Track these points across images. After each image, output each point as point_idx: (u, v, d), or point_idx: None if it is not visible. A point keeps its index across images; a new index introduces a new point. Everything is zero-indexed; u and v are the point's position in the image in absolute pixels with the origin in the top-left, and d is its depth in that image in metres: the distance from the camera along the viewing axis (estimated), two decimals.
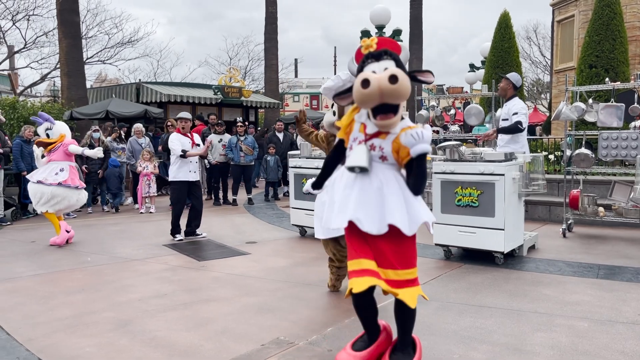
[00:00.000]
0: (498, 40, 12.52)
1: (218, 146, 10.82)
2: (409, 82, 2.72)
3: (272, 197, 11.74)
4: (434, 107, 10.09)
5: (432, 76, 2.93)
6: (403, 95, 2.71)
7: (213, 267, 5.73)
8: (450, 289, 4.71)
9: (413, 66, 23.52)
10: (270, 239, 7.28)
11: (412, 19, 23.40)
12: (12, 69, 25.35)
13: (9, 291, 4.87)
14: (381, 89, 2.63)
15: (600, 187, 8.12)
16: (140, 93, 16.42)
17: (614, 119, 7.01)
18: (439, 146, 6.36)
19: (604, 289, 4.63)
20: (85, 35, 23.36)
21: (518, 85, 6.65)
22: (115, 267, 5.75)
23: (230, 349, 3.44)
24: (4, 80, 29.64)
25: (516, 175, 5.56)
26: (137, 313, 4.19)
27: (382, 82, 2.62)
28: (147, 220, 9.14)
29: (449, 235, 5.73)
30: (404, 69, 2.85)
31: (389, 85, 2.61)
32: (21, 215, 9.46)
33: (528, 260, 5.76)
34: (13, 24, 22.74)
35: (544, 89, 35.37)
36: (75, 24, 15.72)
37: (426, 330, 3.70)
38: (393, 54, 2.87)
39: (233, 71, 19.37)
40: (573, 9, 15.16)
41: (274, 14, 21.72)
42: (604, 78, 9.68)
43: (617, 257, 5.81)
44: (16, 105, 13.80)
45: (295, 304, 4.37)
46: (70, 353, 3.43)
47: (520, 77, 6.96)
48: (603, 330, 3.67)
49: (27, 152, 9.29)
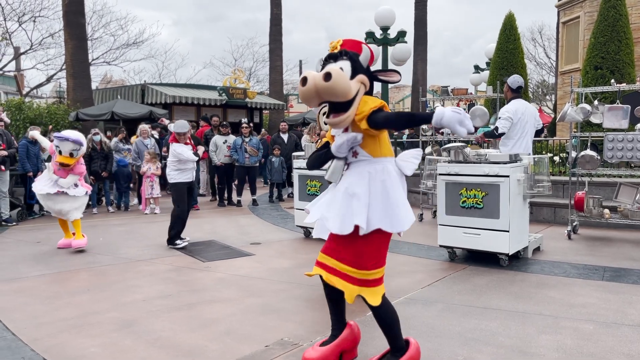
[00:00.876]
0: (503, 42, 12.49)
1: (223, 147, 10.84)
2: (345, 80, 2.74)
3: (276, 198, 11.75)
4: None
5: (397, 75, 2.98)
6: (338, 93, 2.73)
7: (217, 267, 5.74)
8: (454, 291, 4.70)
9: (418, 67, 23.52)
10: (274, 240, 7.29)
11: (417, 20, 23.38)
12: (18, 70, 25.51)
13: (15, 291, 4.89)
14: (316, 86, 2.69)
15: (605, 189, 8.09)
16: (145, 94, 16.50)
17: (619, 121, 6.98)
18: (443, 148, 6.35)
19: (609, 291, 4.61)
20: (90, 36, 23.53)
21: (514, 87, 6.53)
22: (120, 268, 5.76)
23: (235, 350, 3.44)
24: (10, 82, 29.81)
25: (521, 177, 5.54)
26: (141, 313, 4.20)
27: (317, 79, 2.69)
28: (152, 220, 9.16)
29: (453, 237, 5.72)
30: (363, 69, 2.91)
31: (323, 82, 2.67)
32: (27, 216, 9.50)
33: (533, 262, 5.74)
34: (19, 25, 22.94)
35: (549, 91, 35.27)
36: (81, 25, 15.80)
37: (430, 332, 3.69)
38: (351, 55, 2.92)
39: (238, 72, 19.44)
40: (578, 10, 15.12)
41: (278, 15, 21.77)
42: (609, 79, 9.65)
43: (622, 259, 5.78)
44: (22, 107, 13.90)
45: (299, 305, 4.37)
46: (75, 353, 3.44)
47: (523, 78, 6.92)
48: (609, 333, 3.66)
49: (32, 153, 9.34)
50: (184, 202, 6.92)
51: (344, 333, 3.15)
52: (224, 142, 10.88)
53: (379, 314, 2.98)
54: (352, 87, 2.80)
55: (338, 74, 2.69)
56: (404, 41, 12.76)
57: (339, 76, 2.69)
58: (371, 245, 2.92)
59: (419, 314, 4.08)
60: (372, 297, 2.94)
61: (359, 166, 2.98)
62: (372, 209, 2.88)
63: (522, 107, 6.54)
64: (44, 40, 23.95)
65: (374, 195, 2.90)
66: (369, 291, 2.94)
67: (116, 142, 10.94)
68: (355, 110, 2.83)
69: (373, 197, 2.90)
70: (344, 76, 2.74)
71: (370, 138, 2.95)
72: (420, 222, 8.67)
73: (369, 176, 2.93)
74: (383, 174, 2.93)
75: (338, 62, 2.89)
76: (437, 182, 5.91)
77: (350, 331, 3.17)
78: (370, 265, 2.93)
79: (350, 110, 2.82)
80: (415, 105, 23.23)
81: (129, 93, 17.00)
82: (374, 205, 2.89)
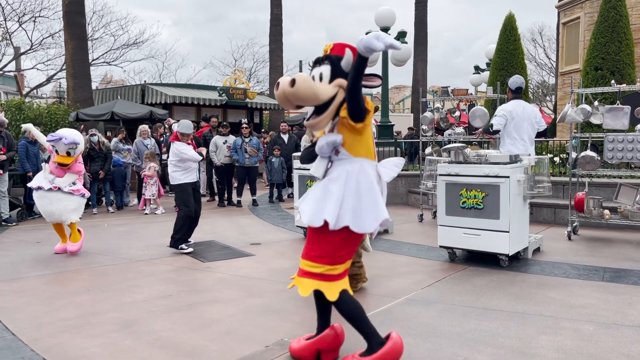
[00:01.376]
0: (503, 43, 12.50)
1: (223, 147, 10.84)
2: (310, 86, 2.84)
3: (276, 199, 11.74)
4: (439, 109, 10.07)
5: (377, 80, 3.11)
6: (302, 98, 2.85)
7: (217, 268, 5.74)
8: (454, 292, 4.70)
9: (418, 68, 23.53)
10: (274, 241, 7.29)
11: (417, 21, 23.40)
12: (18, 70, 25.50)
13: (15, 291, 4.90)
14: (284, 91, 2.82)
15: (605, 190, 8.09)
16: (145, 94, 16.50)
17: (619, 122, 6.98)
18: (443, 148, 6.35)
19: (609, 292, 4.61)
20: (91, 36, 23.54)
21: (513, 88, 6.82)
22: (120, 268, 5.76)
23: (235, 350, 3.44)
24: (10, 82, 29.83)
25: (521, 178, 5.54)
26: (142, 314, 4.20)
27: (284, 85, 2.81)
28: (152, 221, 9.16)
29: (453, 238, 5.72)
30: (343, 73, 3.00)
31: (289, 88, 2.79)
32: (27, 216, 9.50)
33: (533, 262, 5.74)
34: (19, 26, 22.92)
35: (549, 91, 35.29)
36: (81, 25, 15.80)
37: (431, 333, 3.70)
38: (333, 59, 3.03)
39: (238, 73, 19.43)
40: (579, 11, 15.13)
41: (279, 15, 21.78)
42: (609, 80, 9.66)
43: (622, 260, 5.78)
44: (22, 107, 13.89)
45: (299, 305, 4.37)
46: (75, 353, 3.44)
47: (523, 78, 7.00)
48: (609, 334, 3.66)
49: (32, 153, 9.33)
50: (190, 204, 6.60)
51: (325, 333, 3.27)
52: (224, 142, 10.88)
53: (340, 309, 3.10)
54: (325, 91, 2.92)
55: (302, 80, 2.81)
56: (404, 42, 12.78)
57: (302, 82, 2.80)
58: (339, 241, 3.04)
59: (419, 315, 4.08)
60: (330, 292, 3.05)
61: (339, 164, 3.10)
62: (344, 207, 2.99)
63: (519, 108, 6.72)
64: (44, 41, 23.96)
65: (348, 193, 3.01)
66: (327, 286, 3.05)
67: (116, 143, 10.94)
68: (330, 114, 2.96)
69: (347, 194, 3.01)
70: (308, 82, 2.85)
71: (351, 137, 3.07)
72: (420, 222, 8.68)
73: (346, 174, 3.04)
74: (359, 174, 3.04)
75: (321, 67, 3.02)
76: (437, 183, 5.91)
77: (332, 332, 3.26)
78: (335, 260, 3.06)
79: (324, 114, 2.96)
80: (415, 106, 23.23)
81: (129, 93, 17.00)
82: (346, 203, 2.99)
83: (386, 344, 3.03)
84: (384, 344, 3.04)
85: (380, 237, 7.26)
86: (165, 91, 16.31)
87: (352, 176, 3.02)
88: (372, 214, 2.98)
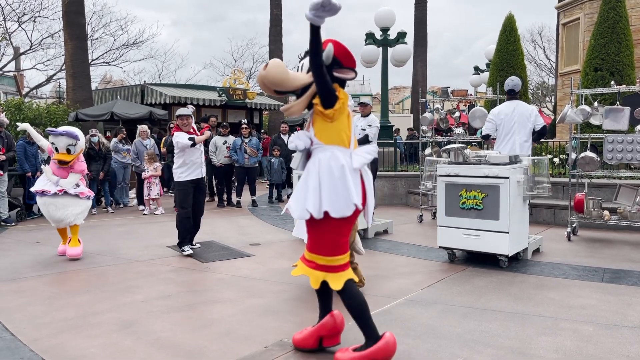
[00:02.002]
0: (503, 43, 12.49)
1: (222, 148, 10.84)
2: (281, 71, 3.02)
3: (276, 199, 11.74)
4: (439, 109, 10.07)
5: (351, 73, 3.19)
6: (273, 81, 3.03)
7: (217, 268, 5.73)
8: (454, 292, 4.70)
9: (418, 69, 23.57)
10: (274, 241, 7.29)
11: (417, 22, 23.41)
12: (17, 70, 25.49)
13: (14, 291, 4.89)
14: (259, 74, 3.05)
15: (605, 191, 8.10)
16: (145, 95, 16.49)
17: (619, 122, 6.99)
18: (443, 149, 6.36)
19: (609, 293, 4.61)
20: (90, 37, 23.52)
21: (507, 89, 6.99)
22: (120, 268, 5.76)
23: (234, 351, 3.44)
24: (10, 82, 29.82)
25: (521, 178, 5.55)
26: (141, 314, 4.20)
27: (261, 69, 3.05)
28: (152, 221, 9.16)
29: (453, 238, 5.72)
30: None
31: (262, 70, 3.02)
32: (26, 216, 9.50)
33: (532, 263, 5.74)
34: (19, 26, 22.90)
35: (549, 92, 35.30)
36: (81, 25, 15.79)
37: (430, 333, 3.69)
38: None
39: (238, 73, 19.42)
40: (578, 11, 15.13)
41: (278, 16, 21.77)
42: (609, 81, 9.67)
43: (622, 261, 5.79)
44: (22, 107, 13.88)
45: (299, 305, 4.37)
46: (75, 354, 3.44)
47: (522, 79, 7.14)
48: (608, 335, 3.66)
49: (30, 153, 9.32)
50: (187, 205, 6.34)
51: (325, 319, 3.36)
52: (223, 142, 10.88)
53: (344, 299, 3.17)
54: (297, 77, 3.11)
55: (274, 64, 3.01)
56: (404, 42, 12.76)
57: (273, 66, 3.01)
58: (331, 230, 3.13)
59: (418, 315, 4.08)
60: (335, 282, 3.15)
61: (314, 154, 3.22)
62: (322, 194, 3.09)
63: (509, 109, 6.93)
64: (43, 41, 23.95)
65: (323, 180, 3.11)
66: (332, 276, 3.16)
67: (116, 143, 10.94)
68: (303, 101, 3.14)
69: (322, 182, 3.10)
70: (279, 67, 3.03)
71: (323, 125, 3.17)
72: (420, 223, 8.68)
73: (319, 163, 3.15)
74: (330, 160, 3.13)
75: (304, 59, 3.19)
76: (436, 184, 5.91)
77: (332, 319, 3.36)
78: (330, 251, 3.15)
79: (296, 102, 3.17)
80: (415, 107, 23.24)
81: (129, 93, 16.99)
82: (323, 190, 3.09)
83: (378, 343, 3.09)
84: (377, 340, 3.09)
85: (380, 238, 7.26)
86: (165, 91, 16.30)
87: (324, 163, 3.13)
88: (344, 198, 3.08)
